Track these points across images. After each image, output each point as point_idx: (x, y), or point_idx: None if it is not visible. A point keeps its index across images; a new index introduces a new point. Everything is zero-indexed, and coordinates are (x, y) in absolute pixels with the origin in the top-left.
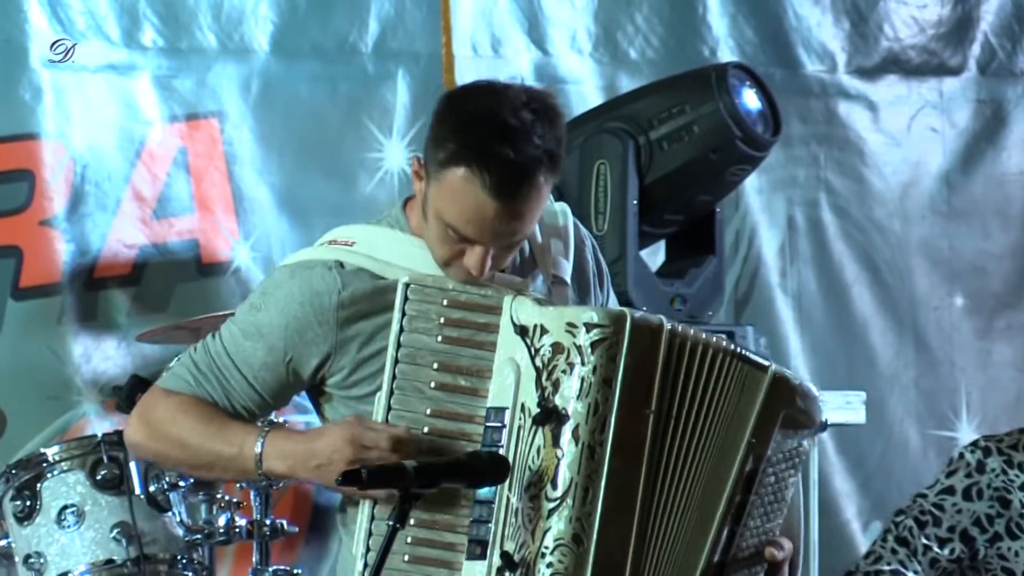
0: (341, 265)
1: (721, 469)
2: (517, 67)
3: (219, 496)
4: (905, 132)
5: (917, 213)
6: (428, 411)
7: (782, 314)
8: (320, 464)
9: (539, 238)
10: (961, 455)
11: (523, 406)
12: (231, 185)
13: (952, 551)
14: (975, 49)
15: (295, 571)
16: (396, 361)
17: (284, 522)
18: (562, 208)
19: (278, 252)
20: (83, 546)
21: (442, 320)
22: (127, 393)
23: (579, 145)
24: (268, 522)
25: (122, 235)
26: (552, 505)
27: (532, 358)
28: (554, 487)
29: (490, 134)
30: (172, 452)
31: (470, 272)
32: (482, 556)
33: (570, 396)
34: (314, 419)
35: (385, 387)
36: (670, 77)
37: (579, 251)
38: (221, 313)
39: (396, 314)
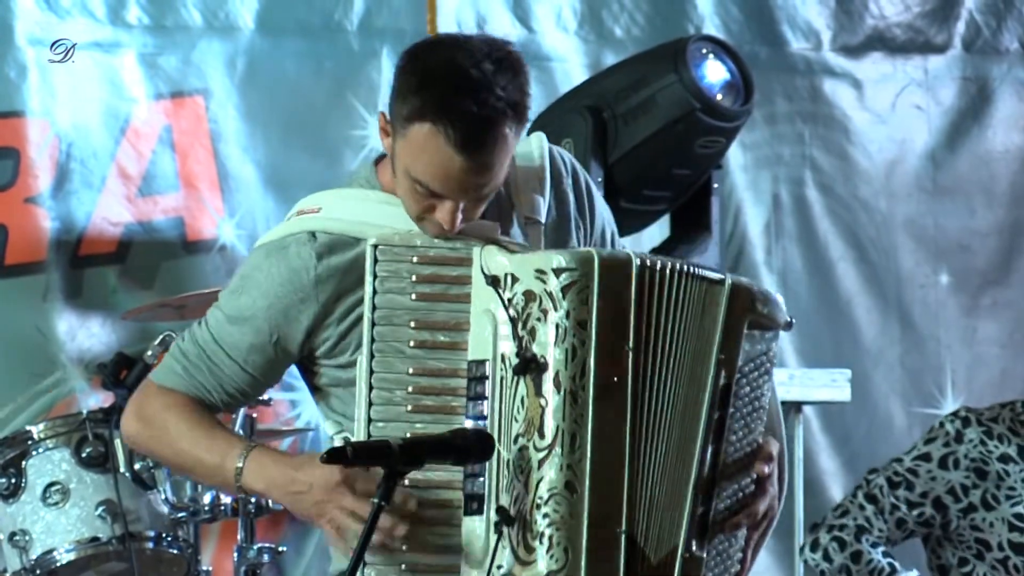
0: (313, 236)
1: (695, 390)
2: None
3: None
4: (890, 110)
5: (902, 191)
6: (410, 370)
7: None
8: (299, 492)
9: (516, 179)
10: (941, 424)
11: (503, 357)
12: (216, 163)
13: (921, 514)
14: (960, 27)
15: (280, 548)
16: (373, 324)
17: (269, 500)
18: (538, 140)
19: (263, 229)
20: (68, 523)
21: (414, 277)
22: (112, 370)
23: (551, 126)
24: (253, 500)
25: (107, 213)
26: (542, 455)
27: (506, 308)
28: (542, 436)
29: (451, 88)
30: (160, 450)
31: (442, 226)
32: (479, 511)
33: (547, 343)
34: (300, 395)
35: (365, 350)
36: (639, 53)
37: (556, 184)
38: (206, 291)
39: (368, 276)
